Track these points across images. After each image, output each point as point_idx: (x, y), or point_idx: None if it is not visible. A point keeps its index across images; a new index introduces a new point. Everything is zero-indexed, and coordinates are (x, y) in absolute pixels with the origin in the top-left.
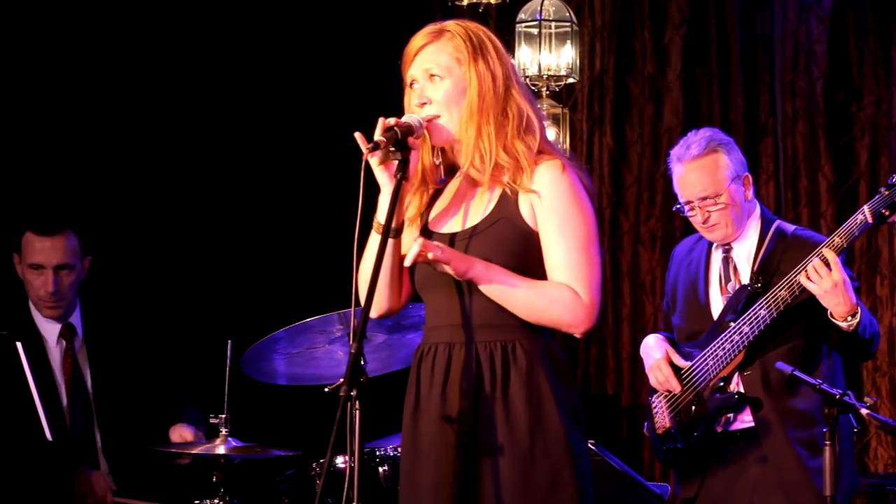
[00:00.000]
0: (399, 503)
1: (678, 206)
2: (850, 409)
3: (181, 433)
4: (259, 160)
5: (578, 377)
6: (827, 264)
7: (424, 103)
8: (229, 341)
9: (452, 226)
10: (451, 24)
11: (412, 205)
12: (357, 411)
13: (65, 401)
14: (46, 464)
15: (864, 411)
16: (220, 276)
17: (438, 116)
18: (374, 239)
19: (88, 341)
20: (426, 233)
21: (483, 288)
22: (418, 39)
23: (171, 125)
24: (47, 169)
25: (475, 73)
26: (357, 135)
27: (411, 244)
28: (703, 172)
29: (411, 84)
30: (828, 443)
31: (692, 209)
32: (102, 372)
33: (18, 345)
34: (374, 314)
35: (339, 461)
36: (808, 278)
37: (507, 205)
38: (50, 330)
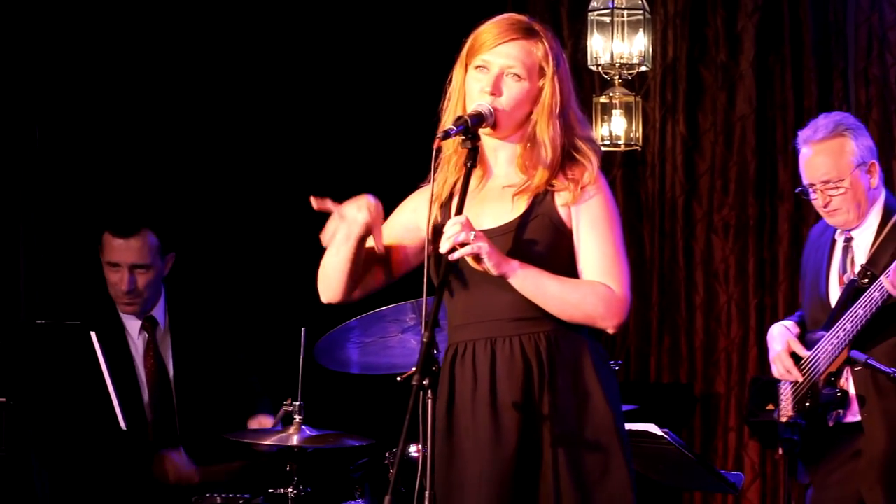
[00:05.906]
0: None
1: (801, 187)
2: None
3: (260, 422)
4: (334, 153)
5: (651, 366)
6: None
7: (493, 93)
8: (303, 329)
9: (487, 222)
10: (539, 28)
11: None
12: (429, 400)
13: (145, 392)
14: (121, 452)
15: None
16: (295, 265)
17: (505, 112)
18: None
19: (173, 331)
20: None
21: (517, 285)
22: (505, 28)
23: (244, 124)
24: (135, 167)
25: (558, 84)
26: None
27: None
28: (827, 156)
29: (479, 67)
30: None
31: (814, 192)
32: (185, 362)
33: (92, 334)
34: (331, 299)
35: (413, 450)
36: None
37: (544, 203)
38: (132, 323)
